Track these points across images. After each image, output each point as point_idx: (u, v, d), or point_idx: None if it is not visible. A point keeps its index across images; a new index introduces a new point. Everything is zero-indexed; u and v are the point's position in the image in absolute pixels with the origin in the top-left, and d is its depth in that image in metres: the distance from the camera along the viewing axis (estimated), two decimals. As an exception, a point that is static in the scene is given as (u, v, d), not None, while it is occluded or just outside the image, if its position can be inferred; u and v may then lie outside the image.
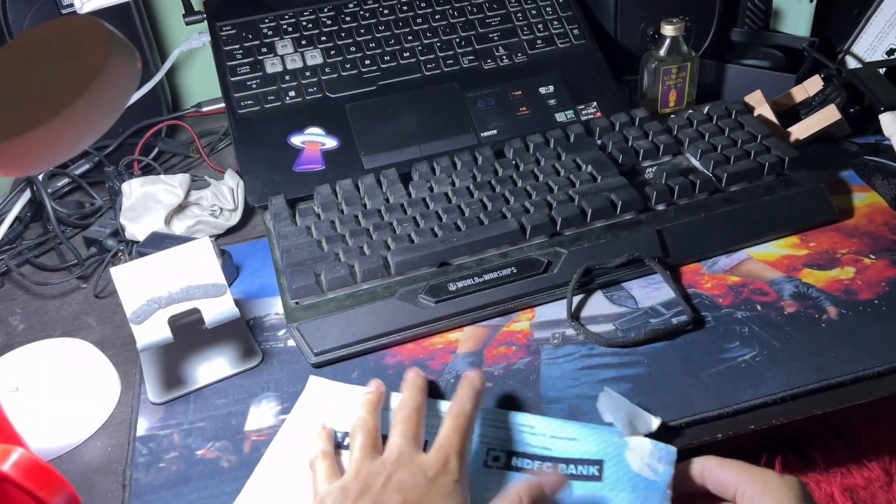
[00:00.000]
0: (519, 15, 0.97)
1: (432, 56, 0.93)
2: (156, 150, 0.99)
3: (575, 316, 0.69)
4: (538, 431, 0.56)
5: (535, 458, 0.54)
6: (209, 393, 0.66)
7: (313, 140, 0.87)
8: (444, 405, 0.58)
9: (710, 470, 0.52)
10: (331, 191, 0.80)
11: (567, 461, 0.53)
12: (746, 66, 0.96)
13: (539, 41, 0.95)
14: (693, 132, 0.83)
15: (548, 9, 0.97)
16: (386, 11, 0.96)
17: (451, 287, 0.70)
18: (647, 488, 0.50)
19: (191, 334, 0.65)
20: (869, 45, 0.95)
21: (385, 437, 0.54)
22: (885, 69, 0.89)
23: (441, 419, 0.54)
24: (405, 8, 0.96)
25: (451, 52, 0.93)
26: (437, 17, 0.96)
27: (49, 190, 0.91)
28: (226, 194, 0.86)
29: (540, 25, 0.96)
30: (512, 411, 0.58)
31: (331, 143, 0.87)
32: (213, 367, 0.67)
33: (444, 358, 0.67)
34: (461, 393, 0.55)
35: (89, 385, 0.67)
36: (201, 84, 1.10)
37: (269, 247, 0.79)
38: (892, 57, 0.93)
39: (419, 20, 0.95)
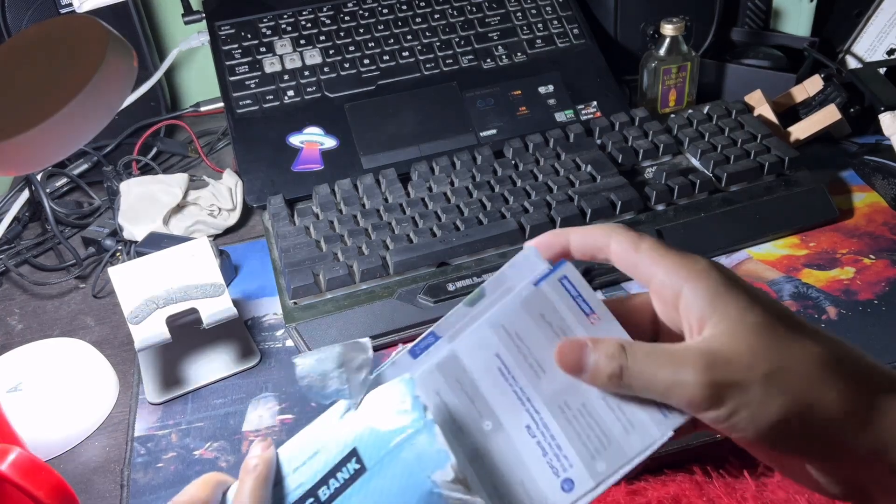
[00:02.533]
0: (518, 14, 0.97)
1: (431, 56, 0.93)
2: (154, 150, 0.99)
3: (574, 316, 0.69)
4: (279, 478, 0.42)
5: (314, 496, 0.39)
6: (207, 393, 0.66)
7: (312, 140, 0.87)
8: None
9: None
10: (329, 191, 0.80)
11: (326, 479, 0.39)
12: (746, 65, 0.95)
13: (539, 41, 0.95)
14: (693, 132, 0.83)
15: (547, 8, 0.97)
16: (385, 11, 0.95)
17: (450, 287, 0.69)
18: (407, 437, 0.38)
19: (189, 334, 0.64)
20: (869, 45, 0.95)
21: None
22: (885, 69, 0.89)
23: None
24: (404, 7, 0.96)
25: (450, 52, 0.93)
26: (436, 16, 0.96)
27: (47, 190, 0.91)
28: (224, 194, 0.86)
29: (539, 25, 0.96)
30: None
31: (330, 142, 0.86)
32: (211, 368, 0.67)
33: (443, 358, 0.67)
34: (242, 493, 0.39)
35: (87, 385, 0.67)
36: (200, 84, 1.10)
37: (267, 247, 0.79)
38: (892, 57, 0.93)
39: (418, 20, 0.95)
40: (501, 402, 0.39)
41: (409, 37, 0.94)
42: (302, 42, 0.93)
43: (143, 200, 0.84)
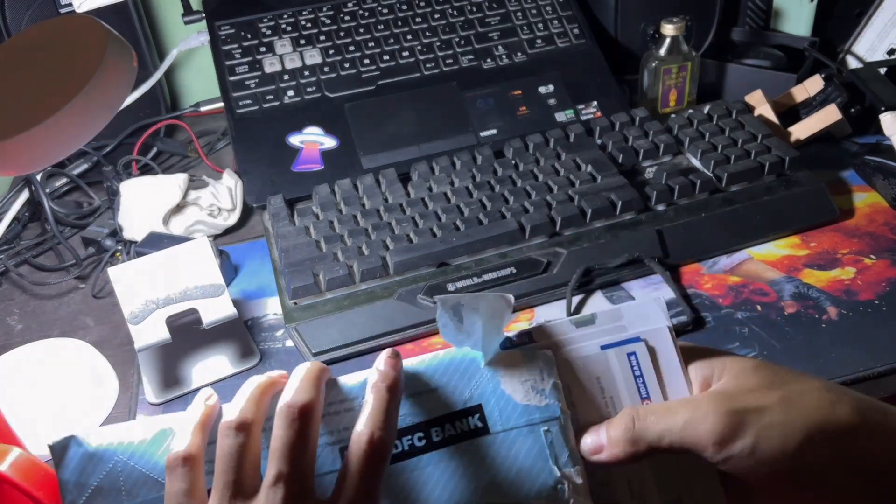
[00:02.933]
0: (518, 14, 0.96)
1: (431, 56, 0.93)
2: (154, 150, 0.99)
3: (574, 316, 0.69)
4: None
5: (405, 434, 0.38)
6: (207, 393, 0.66)
7: (312, 140, 0.86)
8: (358, 384, 0.39)
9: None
10: (329, 191, 0.80)
11: (440, 422, 0.38)
12: (747, 65, 0.95)
13: (539, 40, 0.95)
14: (693, 132, 0.83)
15: (547, 8, 0.97)
16: (385, 11, 0.95)
17: (451, 287, 0.69)
18: (542, 421, 0.38)
19: (189, 334, 0.64)
20: (870, 45, 0.95)
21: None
22: (885, 69, 0.89)
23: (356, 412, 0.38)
24: (404, 7, 0.96)
25: (450, 52, 0.93)
26: (436, 16, 0.96)
27: (47, 190, 0.91)
28: (224, 194, 0.86)
29: (540, 25, 0.96)
30: (342, 377, 0.40)
31: (329, 142, 0.86)
32: (211, 368, 0.67)
33: (444, 358, 0.67)
34: (367, 409, 0.37)
35: (87, 385, 0.67)
36: (200, 84, 1.10)
37: (267, 247, 0.79)
38: (892, 57, 0.93)
39: (418, 19, 0.95)
40: None
41: (409, 37, 0.94)
42: (302, 42, 0.93)
43: (142, 200, 0.84)
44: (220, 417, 0.39)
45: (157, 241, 0.76)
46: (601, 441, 0.38)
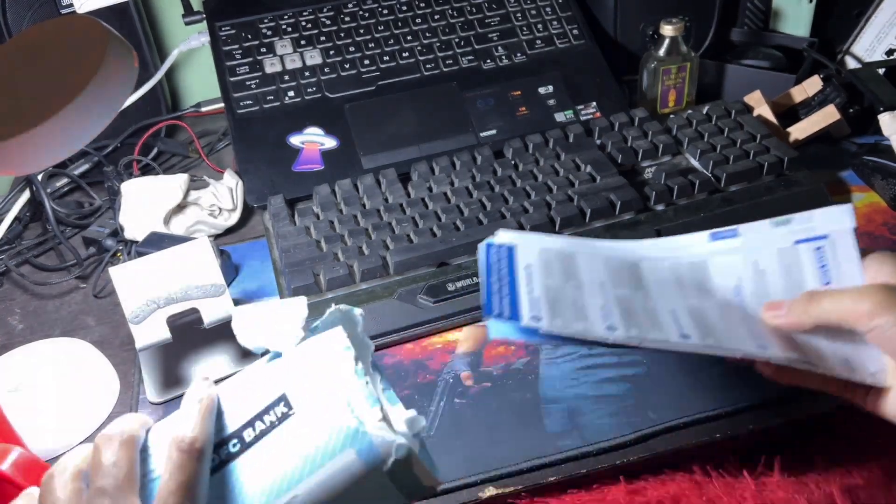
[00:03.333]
0: (518, 15, 0.97)
1: (431, 56, 0.93)
2: (155, 150, 0.99)
3: (574, 316, 0.69)
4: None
5: (221, 447, 0.40)
6: (208, 393, 0.66)
7: (312, 140, 0.87)
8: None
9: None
10: (330, 191, 0.80)
11: (252, 422, 0.40)
12: (746, 66, 0.96)
13: (538, 41, 0.95)
14: (692, 132, 0.83)
15: (547, 9, 0.97)
16: (385, 11, 0.96)
17: (450, 287, 0.69)
18: (336, 382, 0.39)
19: (189, 334, 0.64)
20: (868, 46, 0.95)
21: None
22: (884, 69, 0.89)
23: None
24: (404, 8, 0.96)
25: (450, 52, 0.93)
26: (436, 17, 0.96)
27: (48, 190, 0.91)
28: (225, 194, 0.86)
29: (539, 25, 0.96)
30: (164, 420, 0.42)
31: (330, 143, 0.87)
32: (211, 367, 0.67)
33: (443, 358, 0.67)
34: (180, 418, 0.40)
35: (88, 385, 0.67)
36: (200, 84, 1.10)
37: (267, 247, 0.79)
38: (891, 57, 0.93)
39: (418, 20, 0.95)
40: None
41: (409, 37, 0.94)
42: (302, 42, 0.93)
43: (143, 200, 0.84)
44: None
45: (157, 241, 0.76)
46: (781, 310, 0.49)
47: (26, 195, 0.89)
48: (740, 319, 0.51)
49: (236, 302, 0.65)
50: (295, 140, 0.87)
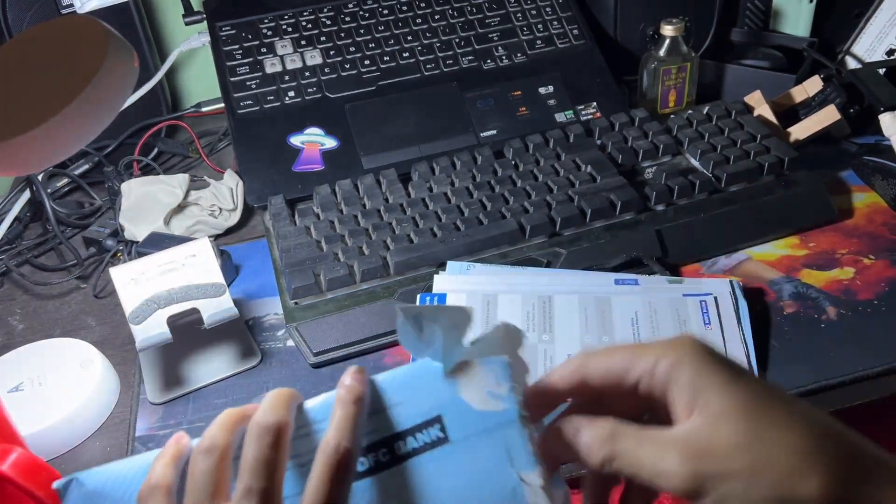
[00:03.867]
0: (518, 15, 0.97)
1: (432, 56, 0.93)
2: (155, 151, 0.99)
3: (574, 316, 0.69)
4: None
5: (367, 453, 0.39)
6: (208, 393, 0.66)
7: (313, 140, 0.87)
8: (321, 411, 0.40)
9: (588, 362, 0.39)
10: (330, 191, 0.80)
11: (403, 436, 0.39)
12: (746, 66, 0.96)
13: (539, 41, 0.95)
14: (692, 132, 0.83)
15: (547, 9, 0.97)
16: (385, 12, 0.96)
17: (451, 287, 0.70)
18: (499, 426, 0.39)
19: (190, 334, 0.64)
20: (869, 46, 0.95)
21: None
22: (884, 69, 0.89)
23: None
24: (405, 8, 0.96)
25: (450, 53, 0.93)
26: (436, 17, 0.96)
27: (49, 190, 0.91)
28: (225, 194, 0.86)
29: (539, 25, 0.96)
30: (310, 401, 0.41)
31: (330, 143, 0.87)
32: (212, 368, 0.67)
33: (444, 358, 0.67)
34: (334, 421, 0.37)
35: (88, 385, 0.67)
36: (201, 84, 1.10)
37: (268, 247, 0.79)
38: (891, 57, 0.93)
39: (418, 20, 0.95)
40: None
41: (409, 37, 0.94)
42: (303, 43, 0.93)
43: (144, 201, 0.84)
44: None
45: (158, 242, 0.76)
46: (578, 441, 0.38)
47: (26, 195, 0.89)
48: None
49: (236, 302, 0.65)
50: (295, 140, 0.87)
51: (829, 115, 0.84)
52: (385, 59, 0.92)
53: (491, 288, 0.68)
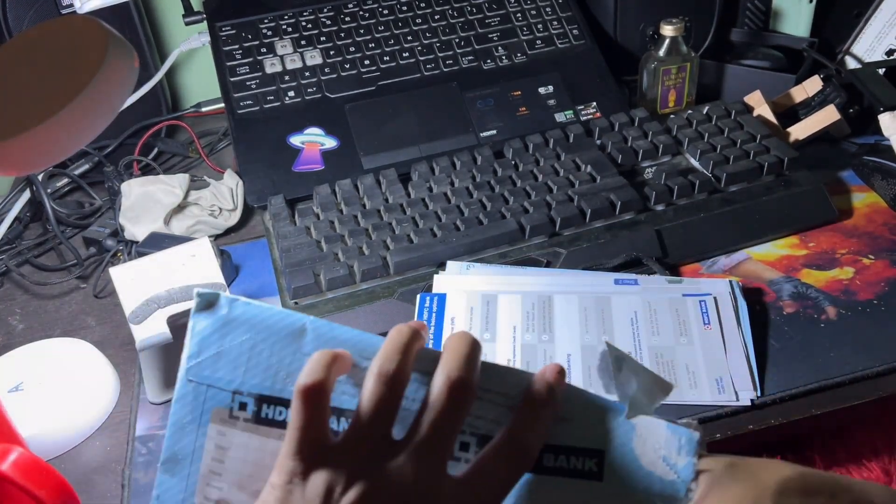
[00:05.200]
0: (518, 15, 0.97)
1: (431, 56, 0.93)
2: (155, 151, 0.99)
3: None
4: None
5: (548, 454, 0.39)
6: (208, 393, 0.66)
7: (313, 140, 0.87)
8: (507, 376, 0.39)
9: None
10: (330, 191, 0.80)
11: (557, 450, 0.38)
12: (746, 66, 0.96)
13: (539, 41, 0.95)
14: (692, 132, 0.83)
15: (547, 9, 0.97)
16: (385, 12, 0.96)
17: (451, 287, 0.70)
18: (662, 490, 0.37)
19: (190, 334, 0.64)
20: (868, 46, 0.95)
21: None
22: (884, 69, 0.89)
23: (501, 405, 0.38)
24: (404, 8, 0.96)
25: (450, 53, 0.93)
26: (436, 17, 0.96)
27: (48, 190, 0.91)
28: (225, 194, 0.86)
29: (539, 26, 0.96)
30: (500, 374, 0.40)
31: (330, 143, 0.87)
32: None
33: (443, 358, 0.67)
34: (537, 383, 0.38)
35: (88, 385, 0.67)
36: (201, 84, 1.10)
37: (268, 247, 0.79)
38: (891, 57, 0.93)
39: (418, 20, 0.95)
40: None
41: (409, 37, 0.94)
42: (303, 43, 0.93)
43: (144, 201, 0.84)
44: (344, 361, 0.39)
45: (158, 242, 0.76)
46: None
47: (26, 195, 0.90)
48: None
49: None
50: (295, 140, 0.87)
51: (828, 115, 0.84)
52: (385, 59, 0.92)
53: (491, 288, 0.67)
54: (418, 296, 0.68)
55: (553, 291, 0.67)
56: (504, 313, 0.66)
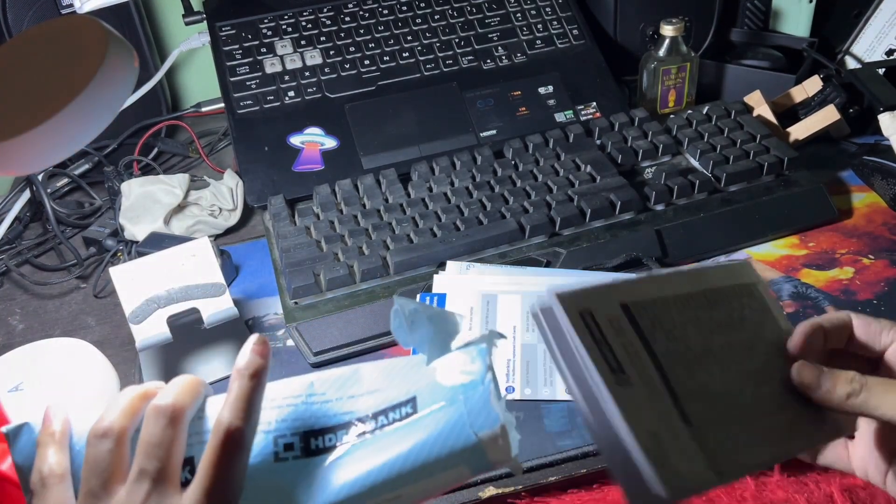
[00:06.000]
0: (518, 15, 0.97)
1: (431, 56, 0.93)
2: (155, 150, 0.99)
3: (574, 316, 0.69)
4: (330, 396, 0.43)
5: (338, 430, 0.41)
6: (208, 393, 0.66)
7: (313, 140, 0.87)
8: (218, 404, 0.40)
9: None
10: (330, 191, 0.80)
11: (375, 416, 0.41)
12: (746, 66, 0.96)
13: (538, 41, 0.95)
14: (692, 132, 0.83)
15: (547, 9, 0.97)
16: (385, 12, 0.96)
17: (450, 287, 0.70)
18: (464, 391, 0.40)
19: (190, 334, 0.65)
20: (868, 46, 0.95)
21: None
22: (884, 69, 0.89)
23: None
24: (404, 8, 0.96)
25: (450, 53, 0.93)
26: (436, 17, 0.96)
27: (48, 190, 0.91)
28: (225, 194, 0.86)
29: (539, 26, 0.96)
30: (287, 379, 0.43)
31: (330, 143, 0.87)
32: (212, 367, 0.67)
33: (443, 358, 0.67)
34: (229, 398, 0.38)
35: (88, 385, 0.67)
36: (201, 84, 1.10)
37: (268, 247, 0.80)
38: (891, 57, 0.93)
39: (418, 20, 0.95)
40: None
41: (409, 37, 0.94)
42: (302, 43, 0.93)
43: (144, 201, 0.84)
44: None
45: (158, 242, 0.76)
46: (820, 384, 0.43)
47: (26, 195, 0.90)
48: None
49: (236, 302, 0.65)
50: (295, 140, 0.87)
51: (828, 115, 0.84)
52: (385, 59, 0.92)
53: (491, 288, 0.67)
54: (418, 296, 0.67)
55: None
56: (504, 313, 0.66)
